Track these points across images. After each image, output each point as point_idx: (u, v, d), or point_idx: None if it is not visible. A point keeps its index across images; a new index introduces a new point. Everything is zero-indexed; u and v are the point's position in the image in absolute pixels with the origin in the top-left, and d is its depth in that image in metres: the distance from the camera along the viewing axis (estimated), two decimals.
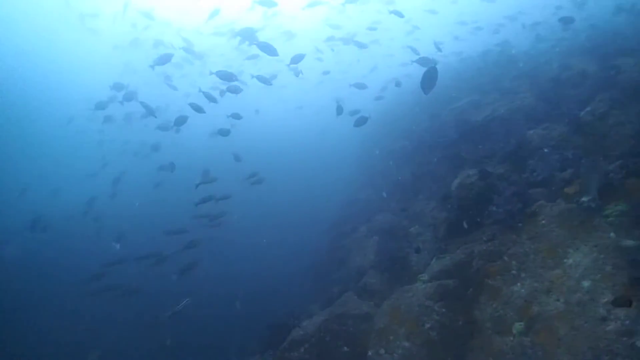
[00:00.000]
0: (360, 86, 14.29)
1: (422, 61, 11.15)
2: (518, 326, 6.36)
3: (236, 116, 12.78)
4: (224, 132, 13.57)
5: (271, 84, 12.13)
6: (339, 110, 12.66)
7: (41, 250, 19.67)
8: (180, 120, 12.61)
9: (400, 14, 14.30)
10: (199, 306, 14.67)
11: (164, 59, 12.37)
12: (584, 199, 7.32)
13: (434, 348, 6.80)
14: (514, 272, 7.12)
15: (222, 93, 13.04)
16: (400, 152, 17.55)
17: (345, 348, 8.39)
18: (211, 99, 12.27)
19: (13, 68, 32.16)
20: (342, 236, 14.18)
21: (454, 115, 15.01)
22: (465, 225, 9.23)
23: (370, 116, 12.84)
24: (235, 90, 11.91)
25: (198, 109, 12.02)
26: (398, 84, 13.74)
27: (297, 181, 17.04)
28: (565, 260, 6.68)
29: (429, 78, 7.87)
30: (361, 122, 11.89)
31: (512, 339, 6.29)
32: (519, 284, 6.87)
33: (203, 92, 12.33)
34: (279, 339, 9.33)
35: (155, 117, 12.87)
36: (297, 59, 12.43)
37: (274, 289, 15.47)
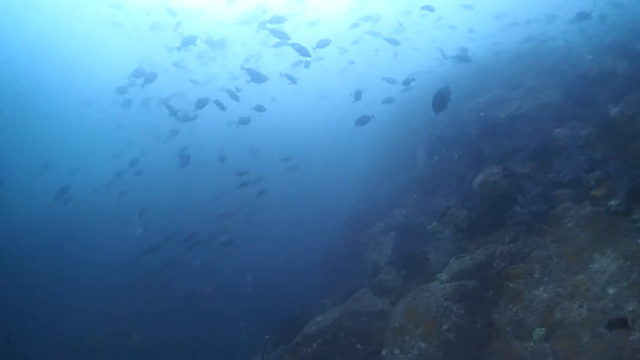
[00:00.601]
0: (391, 80, 14.43)
1: (461, 57, 11.36)
2: (539, 332, 6.28)
3: (260, 108, 13.05)
4: (245, 121, 13.81)
5: (297, 83, 12.35)
6: (357, 96, 12.99)
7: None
8: (201, 103, 12.85)
9: (431, 9, 14.30)
10: (212, 297, 15.01)
11: (188, 42, 12.68)
12: (612, 202, 7.17)
13: (451, 350, 6.76)
14: (536, 275, 7.02)
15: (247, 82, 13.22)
16: (419, 146, 17.42)
17: (359, 345, 8.40)
18: (234, 96, 12.61)
19: (37, 52, 33.10)
20: (358, 230, 14.16)
21: (477, 111, 14.82)
22: (486, 225, 9.18)
23: (391, 106, 13.04)
24: (260, 80, 12.12)
25: (234, 96, 12.74)
26: (406, 82, 13.82)
27: (315, 173, 17.13)
28: (590, 266, 6.57)
29: (441, 98, 7.90)
30: (363, 121, 12.00)
31: (532, 344, 6.20)
32: (541, 288, 6.78)
33: (226, 91, 12.66)
34: (291, 334, 9.40)
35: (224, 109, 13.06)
36: (323, 43, 12.72)
37: (288, 281, 15.61)
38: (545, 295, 6.61)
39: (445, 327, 6.99)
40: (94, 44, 32.99)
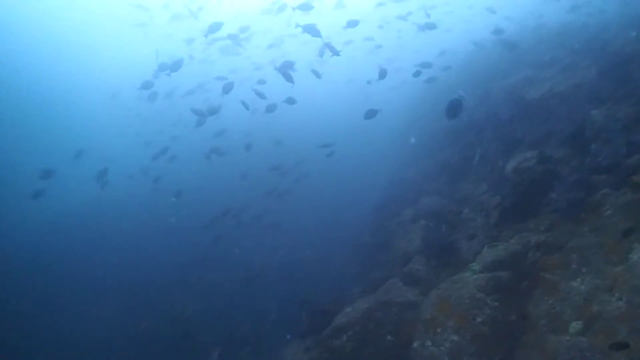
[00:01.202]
0: (427, 65, 14.36)
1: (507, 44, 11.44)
2: (575, 325, 6.17)
3: (290, 100, 13.27)
4: (271, 109, 14.14)
5: (321, 77, 12.60)
6: (382, 75, 13.01)
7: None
8: (228, 88, 13.16)
9: None
10: (240, 284, 15.33)
11: (215, 28, 12.90)
12: None
13: (484, 343, 6.74)
14: (573, 266, 6.90)
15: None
16: (447, 131, 17.14)
17: (389, 337, 8.46)
18: (261, 96, 13.05)
19: (63, 51, 34.84)
20: (386, 218, 14.13)
21: (507, 91, 14.47)
22: (520, 213, 9.04)
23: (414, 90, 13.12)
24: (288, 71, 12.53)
25: (261, 96, 13.21)
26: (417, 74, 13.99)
27: (342, 159, 17.19)
28: (630, 256, 6.39)
29: (454, 108, 8.23)
30: (371, 115, 12.06)
31: (568, 338, 6.09)
32: (578, 280, 6.66)
33: (254, 91, 13.10)
34: (320, 325, 9.53)
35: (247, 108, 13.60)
36: (353, 24, 13.23)
37: (316, 268, 15.79)
38: (583, 287, 6.49)
39: (478, 319, 6.97)
40: (117, 43, 34.38)
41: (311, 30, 11.98)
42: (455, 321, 7.23)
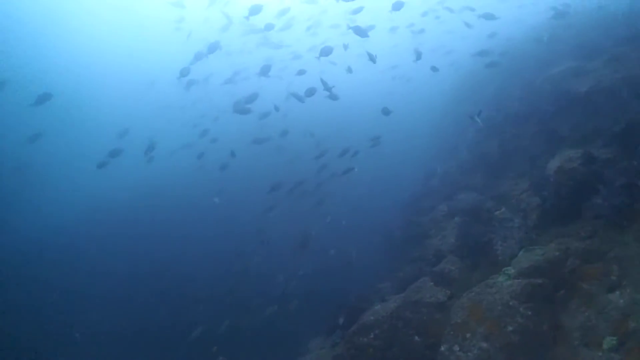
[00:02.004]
0: (490, 16, 14.38)
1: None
2: (610, 341, 5.96)
3: (334, 97, 14.12)
4: (310, 93, 14.48)
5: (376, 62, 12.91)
6: (418, 56, 13.52)
7: None
8: (265, 70, 14.32)
9: None
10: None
11: (255, 10, 13.83)
12: None
13: (513, 353, 6.63)
14: (613, 277, 6.68)
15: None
16: (487, 121, 16.74)
17: (417, 338, 8.45)
18: (300, 98, 14.02)
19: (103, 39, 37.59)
20: (420, 212, 14.01)
21: (551, 83, 13.91)
22: (561, 216, 8.82)
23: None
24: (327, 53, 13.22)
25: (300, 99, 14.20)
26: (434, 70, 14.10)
27: (378, 149, 17.16)
28: None
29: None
30: (386, 112, 13.34)
31: (600, 354, 5.86)
32: (617, 293, 6.44)
33: (292, 94, 14.06)
34: (348, 321, 9.66)
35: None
36: (398, 6, 13.87)
37: (348, 260, 15.93)
38: (621, 300, 6.29)
39: (509, 328, 6.88)
40: (158, 38, 36.72)
41: (359, 31, 12.60)
42: (485, 328, 7.17)
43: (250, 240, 16.96)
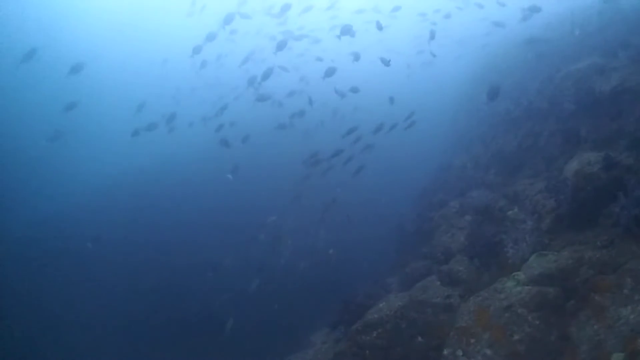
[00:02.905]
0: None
1: None
2: (617, 357, 5.82)
3: (354, 90, 14.75)
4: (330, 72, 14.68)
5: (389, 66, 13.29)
6: (432, 34, 14.24)
7: None
8: (281, 45, 14.67)
9: None
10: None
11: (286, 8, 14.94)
12: None
13: None
14: (626, 291, 6.51)
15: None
16: (503, 116, 16.47)
17: (420, 338, 8.41)
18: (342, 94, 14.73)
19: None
20: (430, 207, 13.88)
21: (572, 80, 13.51)
22: (576, 222, 8.65)
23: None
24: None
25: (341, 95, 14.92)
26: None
27: (391, 138, 17.06)
28: None
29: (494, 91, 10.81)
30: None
31: None
32: (629, 307, 6.27)
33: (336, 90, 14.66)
34: (351, 317, 9.64)
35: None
36: None
37: (355, 251, 15.91)
38: (632, 316, 6.11)
39: (516, 337, 6.78)
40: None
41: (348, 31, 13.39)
42: (491, 334, 7.09)
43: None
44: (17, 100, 33.59)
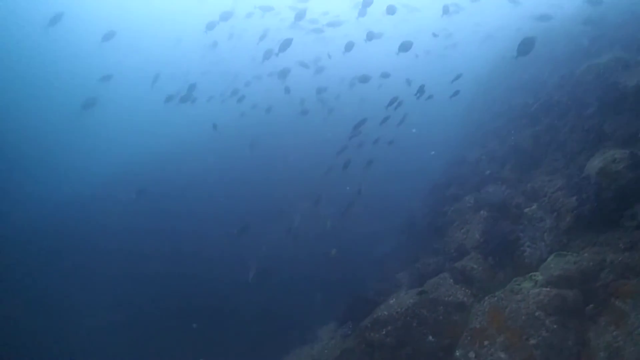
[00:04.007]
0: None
1: None
2: None
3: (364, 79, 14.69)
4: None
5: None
6: (445, 10, 14.36)
7: None
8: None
9: None
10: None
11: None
12: None
13: None
14: None
15: None
16: (520, 110, 16.12)
17: (431, 338, 8.25)
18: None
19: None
20: (444, 201, 13.62)
21: (595, 74, 13.16)
22: (598, 222, 8.41)
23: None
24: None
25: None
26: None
27: (404, 130, 16.88)
28: None
29: (526, 45, 10.39)
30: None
31: None
32: None
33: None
34: (361, 313, 9.51)
35: None
36: None
37: (366, 244, 15.74)
38: None
39: (532, 341, 6.59)
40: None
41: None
42: (506, 337, 6.91)
43: None
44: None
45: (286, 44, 14.89)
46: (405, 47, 12.72)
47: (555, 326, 6.66)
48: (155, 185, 20.75)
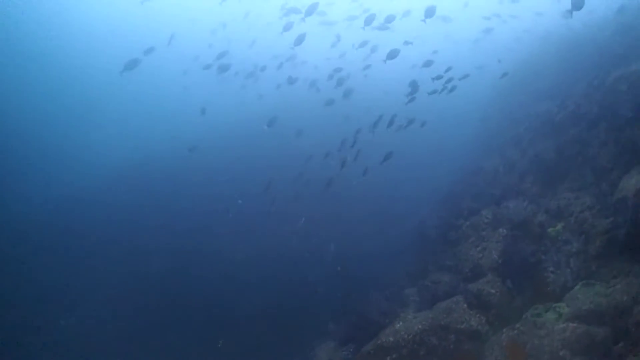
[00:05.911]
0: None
1: None
2: None
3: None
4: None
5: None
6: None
7: None
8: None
9: None
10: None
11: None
12: None
13: None
14: None
15: None
16: (542, 118, 15.41)
17: None
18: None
19: None
20: (458, 214, 12.95)
21: (628, 83, 12.47)
22: (634, 249, 7.74)
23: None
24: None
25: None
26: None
27: (413, 134, 16.30)
28: None
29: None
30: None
31: None
32: None
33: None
34: (363, 335, 8.91)
35: None
36: None
37: (372, 255, 15.11)
38: None
39: None
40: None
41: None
42: None
43: None
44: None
45: (301, 38, 14.56)
46: (430, 12, 12.16)
47: None
48: (164, 181, 20.40)
